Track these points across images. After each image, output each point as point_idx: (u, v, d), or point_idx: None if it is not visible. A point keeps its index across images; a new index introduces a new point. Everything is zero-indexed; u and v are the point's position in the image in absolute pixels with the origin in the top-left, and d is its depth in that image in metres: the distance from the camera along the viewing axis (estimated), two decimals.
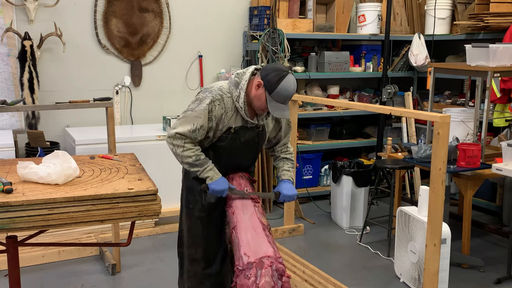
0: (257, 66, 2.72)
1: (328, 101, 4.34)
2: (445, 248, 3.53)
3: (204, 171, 2.66)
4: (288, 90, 2.56)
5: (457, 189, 4.95)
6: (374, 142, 5.90)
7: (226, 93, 2.66)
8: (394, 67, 6.06)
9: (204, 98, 2.64)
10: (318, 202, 5.59)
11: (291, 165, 2.94)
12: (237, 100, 2.65)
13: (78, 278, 3.84)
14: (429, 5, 5.77)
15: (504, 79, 4.66)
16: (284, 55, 5.24)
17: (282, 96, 2.56)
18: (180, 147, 2.63)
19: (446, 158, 2.88)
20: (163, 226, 4.73)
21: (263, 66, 2.68)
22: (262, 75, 2.60)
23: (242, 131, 2.73)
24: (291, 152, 2.97)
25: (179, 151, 2.63)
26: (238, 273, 2.51)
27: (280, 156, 2.96)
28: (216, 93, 2.64)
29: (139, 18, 5.24)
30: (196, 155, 2.64)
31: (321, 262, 4.11)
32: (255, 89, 2.62)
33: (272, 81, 2.55)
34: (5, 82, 4.75)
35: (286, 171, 2.91)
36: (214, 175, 2.67)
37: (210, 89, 2.68)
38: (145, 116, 5.41)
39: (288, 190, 2.84)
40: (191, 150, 2.63)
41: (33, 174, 2.56)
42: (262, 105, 2.63)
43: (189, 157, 2.63)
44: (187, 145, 2.63)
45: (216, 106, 2.63)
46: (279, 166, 2.95)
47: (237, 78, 2.68)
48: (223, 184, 2.68)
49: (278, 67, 2.60)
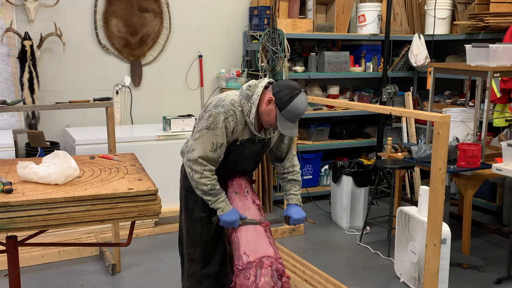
0: (270, 80, 2.68)
1: (328, 101, 4.34)
2: (445, 248, 3.53)
3: (216, 202, 2.63)
4: (299, 109, 2.53)
5: (457, 189, 4.95)
6: (374, 142, 5.91)
7: (237, 107, 2.62)
8: (394, 67, 6.06)
9: (218, 114, 2.58)
10: (318, 202, 5.60)
11: (298, 187, 2.92)
12: (248, 114, 2.61)
13: (78, 278, 3.84)
14: (429, 5, 5.77)
15: (504, 79, 4.66)
16: (284, 55, 5.24)
17: (292, 115, 2.54)
18: (198, 173, 2.59)
19: (446, 158, 2.87)
20: (163, 226, 4.73)
21: (276, 81, 2.66)
22: (274, 91, 2.57)
23: (248, 143, 2.71)
24: (298, 171, 2.93)
25: (196, 177, 2.59)
26: (238, 273, 2.51)
27: (287, 178, 2.92)
28: (228, 108, 2.59)
29: (139, 18, 5.24)
30: (212, 184, 2.61)
31: (321, 262, 4.11)
32: (265, 104, 2.59)
33: (284, 98, 2.52)
34: (5, 82, 4.75)
35: (294, 195, 2.89)
36: (225, 207, 2.63)
37: (222, 103, 2.61)
38: (145, 116, 5.41)
39: (297, 213, 2.84)
40: (208, 178, 2.60)
41: (33, 174, 2.56)
42: (271, 121, 2.60)
43: (205, 185, 2.60)
44: (206, 173, 2.59)
45: (230, 122, 2.59)
46: (287, 189, 2.92)
47: (249, 91, 2.63)
48: (234, 215, 2.64)
49: (291, 85, 2.56)
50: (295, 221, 2.84)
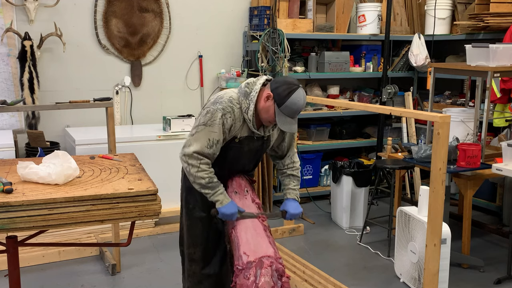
0: (268, 77, 2.69)
1: (328, 101, 4.34)
2: (445, 248, 3.53)
3: (215, 195, 2.63)
4: (298, 104, 2.54)
5: (457, 189, 4.95)
6: (374, 142, 5.90)
7: (235, 104, 2.63)
8: (394, 67, 6.06)
9: (215, 110, 2.59)
10: (318, 202, 5.60)
11: (296, 182, 2.93)
12: (246, 111, 2.62)
13: (78, 278, 3.84)
14: (429, 5, 5.77)
15: (504, 79, 4.66)
16: (284, 55, 5.24)
17: (291, 110, 2.55)
18: (195, 167, 2.59)
19: (446, 158, 2.87)
20: (163, 226, 4.73)
21: (274, 78, 2.66)
22: (272, 87, 2.58)
23: (247, 141, 2.71)
24: (297, 167, 2.94)
25: (193, 171, 2.60)
26: (238, 273, 2.51)
27: (286, 173, 2.93)
28: (226, 105, 2.60)
29: (139, 18, 5.24)
30: (209, 177, 2.61)
31: (321, 262, 4.11)
32: (264, 101, 2.60)
33: (282, 94, 2.53)
34: (5, 82, 4.75)
35: (292, 190, 2.90)
36: (224, 199, 2.64)
37: (220, 100, 2.62)
38: (145, 116, 5.41)
39: (294, 208, 2.85)
40: (205, 172, 2.60)
41: (33, 174, 2.56)
42: (269, 117, 2.61)
43: (202, 179, 2.60)
44: (202, 166, 2.59)
45: (228, 119, 2.60)
46: (285, 183, 2.93)
47: (247, 88, 2.64)
48: (232, 208, 2.65)
49: (289, 81, 2.58)
50: (291, 216, 2.86)
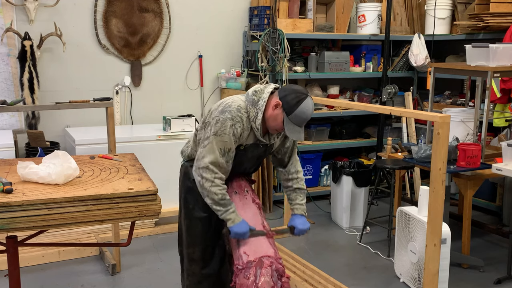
0: (276, 85, 2.67)
1: (328, 101, 4.34)
2: (445, 248, 3.53)
3: (227, 213, 2.60)
4: (306, 113, 2.54)
5: (457, 189, 4.95)
6: (374, 142, 5.90)
7: (244, 114, 2.60)
8: (394, 67, 6.06)
9: (225, 120, 2.56)
10: (318, 202, 5.59)
11: (303, 196, 2.91)
12: (254, 120, 2.60)
13: (78, 278, 3.84)
14: (429, 5, 5.77)
15: (504, 79, 4.66)
16: (284, 55, 5.24)
17: (300, 119, 2.54)
18: (209, 181, 2.56)
19: (446, 158, 2.87)
20: (163, 226, 4.73)
21: (282, 86, 2.65)
22: (281, 95, 2.57)
23: (251, 148, 2.70)
24: (302, 178, 2.91)
25: (207, 185, 2.56)
26: (238, 273, 2.51)
27: (292, 187, 2.90)
28: (235, 114, 2.58)
29: (139, 18, 5.24)
30: (222, 194, 2.58)
31: (321, 262, 4.11)
32: (272, 109, 2.58)
33: (291, 103, 2.52)
34: (5, 82, 4.75)
35: (299, 205, 2.88)
36: (236, 218, 2.61)
37: (229, 109, 2.59)
38: (145, 116, 5.41)
39: (302, 224, 2.84)
40: (219, 187, 2.57)
41: (33, 174, 2.56)
42: (277, 126, 2.60)
43: (216, 194, 2.57)
44: (217, 181, 2.56)
45: (238, 129, 2.58)
46: (292, 198, 2.90)
47: (255, 96, 2.62)
48: (244, 227, 2.62)
49: (298, 89, 2.57)
50: (300, 232, 2.84)
